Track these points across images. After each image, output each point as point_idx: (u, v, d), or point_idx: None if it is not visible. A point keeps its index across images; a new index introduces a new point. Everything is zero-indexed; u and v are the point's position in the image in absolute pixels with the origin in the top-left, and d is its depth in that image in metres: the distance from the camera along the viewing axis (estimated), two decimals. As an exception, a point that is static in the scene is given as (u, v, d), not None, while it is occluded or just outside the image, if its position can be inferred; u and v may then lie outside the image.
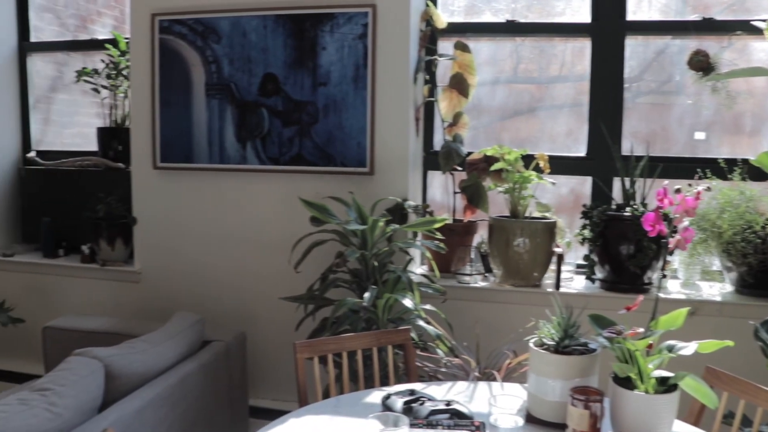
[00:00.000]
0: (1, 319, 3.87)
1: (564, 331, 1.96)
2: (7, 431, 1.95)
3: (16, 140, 4.46)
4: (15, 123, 4.45)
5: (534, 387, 1.97)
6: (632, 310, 1.87)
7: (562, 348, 1.94)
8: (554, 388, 1.91)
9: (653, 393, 1.75)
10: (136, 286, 3.83)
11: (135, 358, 2.57)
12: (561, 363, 1.90)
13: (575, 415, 1.76)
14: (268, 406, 3.62)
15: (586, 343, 1.96)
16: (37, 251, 4.25)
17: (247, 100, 3.48)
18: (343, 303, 2.76)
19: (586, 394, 1.77)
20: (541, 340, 2.01)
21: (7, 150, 4.40)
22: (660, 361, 1.79)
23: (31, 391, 2.19)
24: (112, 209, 3.81)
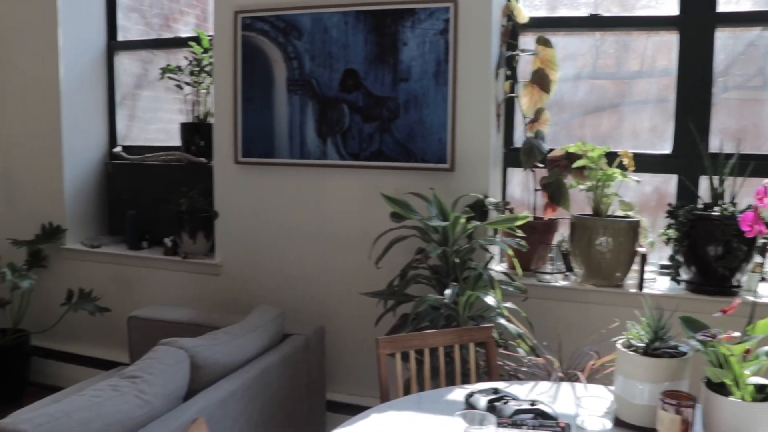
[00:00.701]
0: (89, 308, 4.00)
1: (654, 332, 1.91)
2: (102, 416, 2.01)
3: (104, 136, 4.60)
4: (102, 119, 4.59)
5: (621, 389, 1.92)
6: (727, 314, 1.81)
7: (652, 350, 1.88)
8: (643, 391, 1.86)
9: (750, 401, 1.68)
10: (217, 279, 3.90)
11: (218, 350, 2.62)
12: (650, 365, 1.85)
13: (666, 420, 1.71)
14: (344, 400, 3.64)
15: (676, 345, 1.90)
16: (122, 243, 4.38)
17: (327, 95, 3.50)
18: (424, 299, 2.75)
19: (677, 399, 1.71)
20: (629, 341, 1.96)
21: (96, 145, 4.54)
22: (758, 368, 1.72)
23: (122, 378, 2.25)
24: (195, 203, 3.89)
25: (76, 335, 4.46)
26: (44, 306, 4.54)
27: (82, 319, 4.36)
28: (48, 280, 4.50)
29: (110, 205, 4.52)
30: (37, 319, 4.53)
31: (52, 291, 4.49)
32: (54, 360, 4.51)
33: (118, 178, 4.45)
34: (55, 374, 4.51)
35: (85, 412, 1.97)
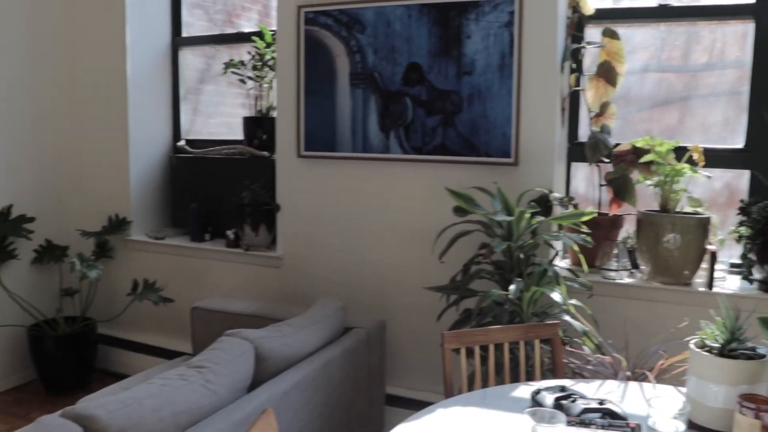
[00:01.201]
0: (153, 298, 4.08)
1: (730, 333, 1.85)
2: (171, 404, 2.04)
3: (168, 130, 4.68)
4: (167, 114, 4.67)
5: (694, 391, 1.87)
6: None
7: (728, 351, 1.83)
8: (717, 393, 1.81)
9: (834, 404, 1.62)
10: (278, 271, 3.93)
11: (282, 341, 2.64)
12: (726, 367, 1.80)
13: (744, 425, 1.66)
14: (403, 394, 3.63)
15: (754, 347, 1.84)
16: (185, 235, 4.45)
17: (390, 89, 3.49)
18: (489, 295, 2.72)
19: (756, 403, 1.66)
20: (702, 341, 1.90)
21: (160, 139, 4.63)
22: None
23: (189, 368, 2.28)
24: (257, 196, 3.93)
25: (140, 324, 4.56)
26: (110, 295, 4.65)
27: (146, 308, 4.45)
28: (113, 271, 4.61)
29: (174, 197, 4.60)
30: (103, 308, 4.64)
31: (117, 281, 4.60)
32: (118, 348, 4.61)
33: (182, 171, 4.52)
34: (119, 362, 4.61)
35: (154, 400, 2.01)
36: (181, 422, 2.07)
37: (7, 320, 4.39)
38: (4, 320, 4.38)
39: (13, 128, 4.37)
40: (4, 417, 4.13)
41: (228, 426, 2.19)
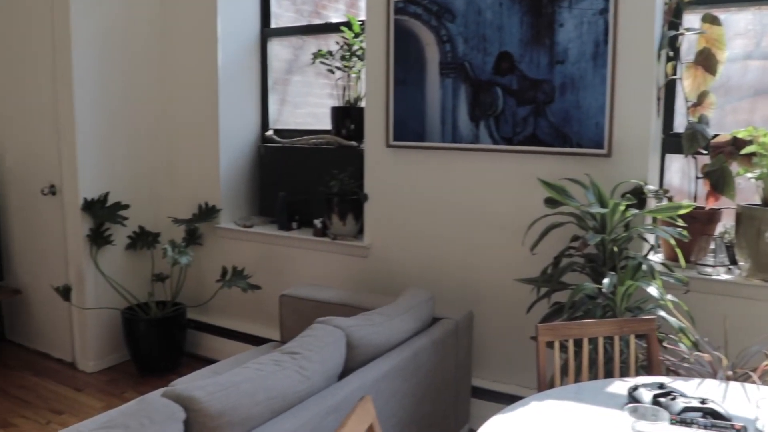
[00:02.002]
0: (241, 285, 4.15)
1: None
2: (266, 388, 2.07)
3: (256, 120, 4.76)
4: (255, 104, 4.75)
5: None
6: None
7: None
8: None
9: None
10: (365, 261, 3.95)
11: (372, 330, 2.65)
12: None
13: None
14: (489, 387, 3.60)
15: None
16: (273, 224, 4.52)
17: (481, 78, 3.46)
18: (581, 288, 2.67)
19: None
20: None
21: (249, 129, 4.71)
22: None
23: (282, 354, 2.31)
24: (345, 185, 3.95)
25: (227, 310, 4.66)
26: (199, 281, 4.77)
27: (234, 295, 4.55)
28: (203, 258, 4.72)
29: (262, 186, 4.67)
30: (193, 293, 4.76)
31: (206, 268, 4.71)
32: (206, 333, 4.72)
33: (270, 161, 4.59)
34: (207, 346, 4.73)
35: (251, 384, 2.04)
36: (275, 407, 2.10)
37: (103, 303, 4.56)
38: (100, 303, 4.55)
39: (109, 119, 4.52)
40: (100, 395, 4.29)
41: (320, 412, 2.21)
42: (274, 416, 2.11)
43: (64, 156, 4.46)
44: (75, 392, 4.34)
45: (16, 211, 4.95)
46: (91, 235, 4.44)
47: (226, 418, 1.92)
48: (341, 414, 2.31)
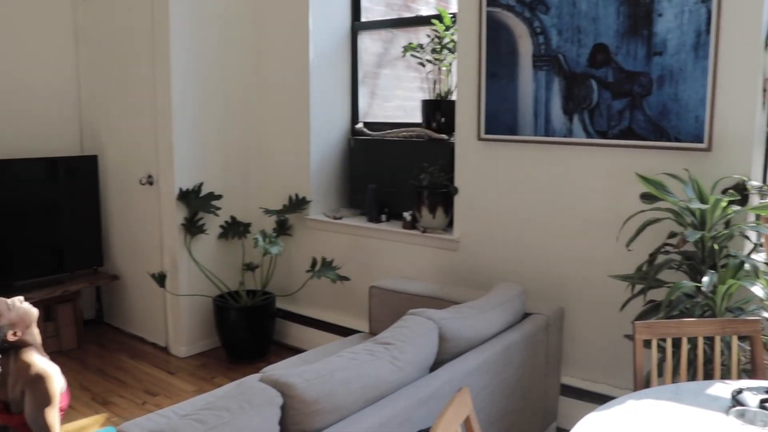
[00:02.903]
0: (330, 276, 4.20)
1: None
2: (361, 377, 2.09)
3: (346, 113, 4.80)
4: (346, 97, 4.79)
5: None
6: None
7: None
8: None
9: None
10: (454, 254, 3.94)
11: (464, 323, 2.64)
12: None
13: None
14: (577, 385, 3.54)
15: None
16: (362, 216, 4.56)
17: (575, 71, 3.39)
18: (679, 286, 2.59)
19: None
20: None
21: (340, 122, 4.76)
22: None
23: (375, 344, 2.33)
24: (435, 178, 3.95)
25: (316, 301, 4.73)
26: (288, 271, 4.85)
27: (322, 286, 4.61)
28: (292, 248, 4.80)
29: (351, 178, 4.71)
30: (281, 283, 4.85)
31: (295, 258, 4.79)
32: (294, 322, 4.80)
33: (360, 153, 4.63)
34: (295, 335, 4.81)
35: (345, 372, 2.07)
36: (368, 396, 2.12)
37: (195, 290, 4.70)
38: (193, 290, 4.69)
39: (204, 112, 4.64)
40: (192, 379, 4.42)
41: (412, 403, 2.22)
42: (367, 405, 2.13)
43: (162, 148, 4.61)
44: (168, 375, 4.49)
45: (115, 200, 5.15)
46: (185, 224, 4.58)
47: (321, 405, 1.95)
48: (432, 406, 2.31)
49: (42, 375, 2.67)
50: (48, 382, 2.67)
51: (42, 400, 2.64)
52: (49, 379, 2.68)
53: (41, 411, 2.63)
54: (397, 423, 2.15)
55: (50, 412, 2.65)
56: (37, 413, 2.63)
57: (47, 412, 2.64)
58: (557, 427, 3.50)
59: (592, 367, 3.55)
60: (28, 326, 2.78)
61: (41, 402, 2.64)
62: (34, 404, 2.64)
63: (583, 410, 3.37)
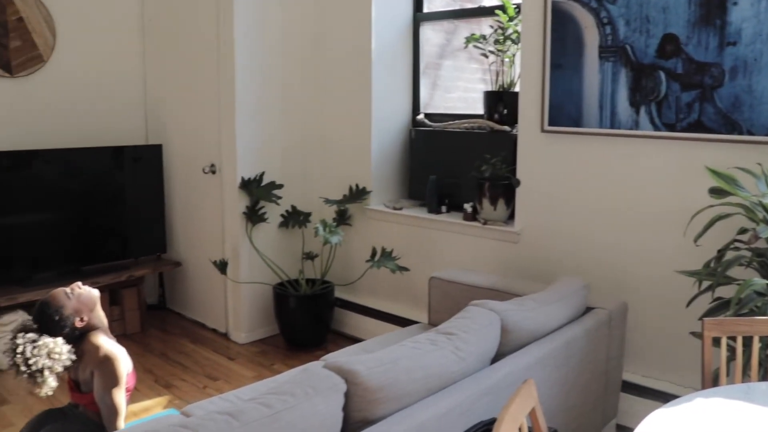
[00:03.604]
0: (390, 266, 4.21)
1: None
2: (423, 367, 2.10)
3: (408, 104, 4.79)
4: (407, 88, 4.79)
5: None
6: None
7: None
8: None
9: None
10: (515, 247, 3.91)
11: (526, 315, 2.62)
12: None
13: None
14: (639, 381, 3.48)
15: None
16: (422, 207, 4.55)
17: (642, 62, 3.32)
18: (749, 283, 2.52)
19: None
20: None
21: (401, 113, 4.76)
22: None
23: (438, 334, 2.33)
24: (497, 170, 3.92)
25: (374, 291, 4.74)
26: (347, 261, 4.88)
27: (381, 276, 4.62)
28: (351, 238, 4.83)
29: (412, 169, 4.71)
30: (340, 272, 4.88)
31: (354, 248, 4.82)
32: (353, 312, 4.83)
33: (420, 144, 4.62)
34: (353, 324, 4.84)
35: (409, 361, 2.07)
36: (431, 385, 2.12)
37: (256, 278, 4.76)
38: (253, 278, 4.75)
39: (266, 102, 4.70)
40: (251, 365, 4.49)
41: (474, 394, 2.21)
42: (429, 395, 2.14)
43: (225, 137, 4.68)
44: (228, 361, 4.57)
45: (179, 188, 5.25)
46: (247, 213, 4.64)
47: (384, 392, 1.96)
48: (494, 397, 2.30)
49: (110, 357, 2.73)
50: (115, 363, 2.73)
51: (110, 381, 2.71)
52: (117, 360, 2.74)
53: (109, 391, 2.70)
54: (459, 413, 2.15)
55: (117, 392, 2.71)
56: (105, 393, 2.70)
57: (114, 392, 2.70)
58: (617, 423, 3.45)
59: (654, 364, 3.49)
60: (92, 309, 2.84)
61: (109, 382, 2.71)
62: (102, 384, 2.71)
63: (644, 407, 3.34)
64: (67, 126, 4.98)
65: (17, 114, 4.76)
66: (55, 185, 4.70)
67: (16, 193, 4.52)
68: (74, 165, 4.78)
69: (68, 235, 4.79)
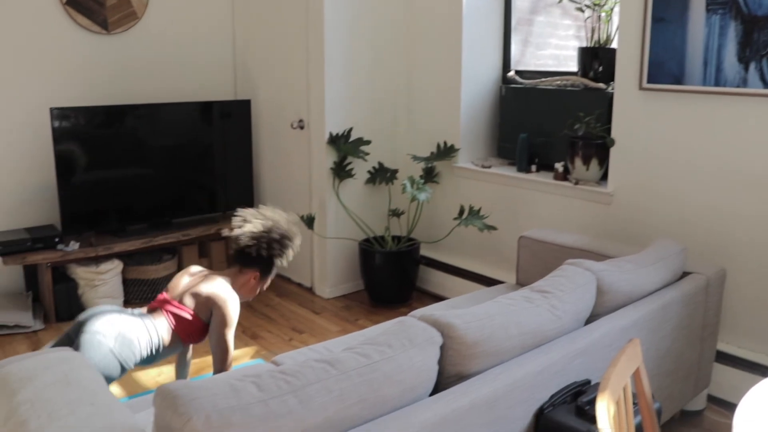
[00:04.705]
0: (477, 225, 4.17)
1: None
2: (519, 323, 2.07)
3: (498, 60, 4.69)
4: (498, 44, 4.67)
5: None
6: None
7: None
8: None
9: None
10: (607, 208, 3.80)
11: (622, 277, 2.56)
12: None
13: None
14: (734, 352, 3.36)
15: None
16: (511, 166, 4.47)
17: (756, 14, 3.13)
18: None
19: None
20: None
21: (491, 70, 4.66)
22: None
23: (532, 291, 2.29)
24: (590, 129, 3.80)
25: (460, 249, 4.71)
26: (432, 219, 4.86)
27: (467, 234, 4.59)
28: (438, 196, 4.79)
29: (501, 127, 4.62)
30: (426, 230, 4.87)
31: (440, 206, 4.79)
32: (437, 270, 4.82)
33: (511, 102, 4.52)
34: (437, 283, 4.83)
35: (504, 317, 2.05)
36: (526, 342, 2.09)
37: (342, 234, 4.80)
38: (339, 233, 4.79)
39: (355, 57, 4.67)
40: (336, 320, 4.54)
41: (569, 354, 2.18)
42: (524, 352, 2.11)
43: (313, 93, 4.68)
44: (313, 315, 4.63)
45: (267, 143, 5.31)
46: (334, 168, 4.66)
47: (480, 348, 1.94)
48: (588, 358, 2.26)
49: (234, 299, 2.92)
50: (236, 306, 2.92)
51: (227, 321, 2.85)
52: (236, 304, 2.92)
53: (225, 330, 2.86)
54: (553, 372, 2.12)
55: (230, 333, 2.87)
56: (220, 331, 2.84)
57: (228, 332, 2.87)
58: (709, 394, 3.36)
59: (751, 335, 3.36)
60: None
61: (226, 322, 2.86)
62: (220, 322, 2.85)
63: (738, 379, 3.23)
64: (158, 82, 5.09)
65: (113, 70, 4.89)
66: (147, 140, 4.81)
67: (109, 147, 4.66)
68: (165, 120, 4.88)
69: (159, 189, 4.91)
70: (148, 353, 2.79)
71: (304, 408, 1.54)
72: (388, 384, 1.69)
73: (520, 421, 2.05)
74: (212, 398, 1.47)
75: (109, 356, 2.62)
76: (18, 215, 4.65)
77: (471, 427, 1.85)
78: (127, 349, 2.68)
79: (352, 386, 1.63)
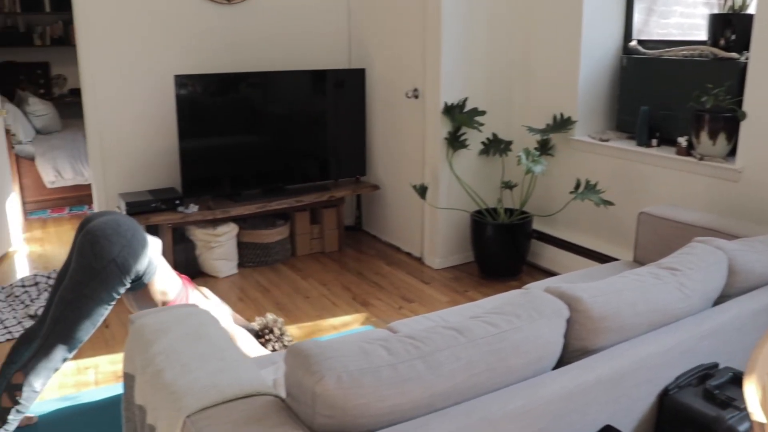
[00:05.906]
0: (594, 199, 4.08)
1: None
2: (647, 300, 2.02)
3: (619, 30, 4.53)
4: (620, 13, 4.51)
5: None
6: None
7: None
8: None
9: None
10: (734, 185, 3.63)
11: (756, 257, 2.45)
12: None
13: None
14: None
15: None
16: (630, 139, 4.33)
17: None
18: None
19: None
20: None
21: (611, 39, 4.51)
22: None
23: (660, 268, 2.23)
24: (719, 101, 3.63)
25: (574, 224, 4.63)
26: (546, 192, 4.78)
27: (582, 209, 4.50)
28: (553, 169, 4.71)
29: (621, 100, 4.47)
30: (539, 203, 4.81)
31: (555, 179, 4.70)
32: (550, 244, 4.75)
33: (632, 73, 4.37)
34: (549, 257, 4.76)
35: (632, 293, 2.00)
36: (654, 320, 2.04)
37: (454, 204, 4.79)
38: (451, 204, 4.78)
39: (471, 27, 4.61)
40: (445, 290, 4.56)
41: (696, 335, 2.11)
42: (650, 330, 2.06)
43: (429, 62, 4.67)
44: (422, 284, 4.66)
45: (380, 113, 5.34)
46: (448, 139, 4.65)
47: (606, 323, 1.91)
48: (716, 340, 2.19)
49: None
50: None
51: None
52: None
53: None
54: (679, 352, 2.06)
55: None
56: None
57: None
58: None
59: None
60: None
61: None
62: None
63: None
64: (274, 51, 5.21)
65: (232, 39, 5.03)
66: (261, 108, 4.93)
67: (224, 114, 4.80)
68: (279, 88, 4.98)
69: (273, 155, 5.03)
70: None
71: (433, 373, 1.55)
72: (515, 354, 1.68)
73: (644, 401, 2.01)
74: (343, 359, 1.50)
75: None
76: (143, 178, 4.88)
77: (595, 403, 1.82)
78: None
79: (479, 354, 1.63)
